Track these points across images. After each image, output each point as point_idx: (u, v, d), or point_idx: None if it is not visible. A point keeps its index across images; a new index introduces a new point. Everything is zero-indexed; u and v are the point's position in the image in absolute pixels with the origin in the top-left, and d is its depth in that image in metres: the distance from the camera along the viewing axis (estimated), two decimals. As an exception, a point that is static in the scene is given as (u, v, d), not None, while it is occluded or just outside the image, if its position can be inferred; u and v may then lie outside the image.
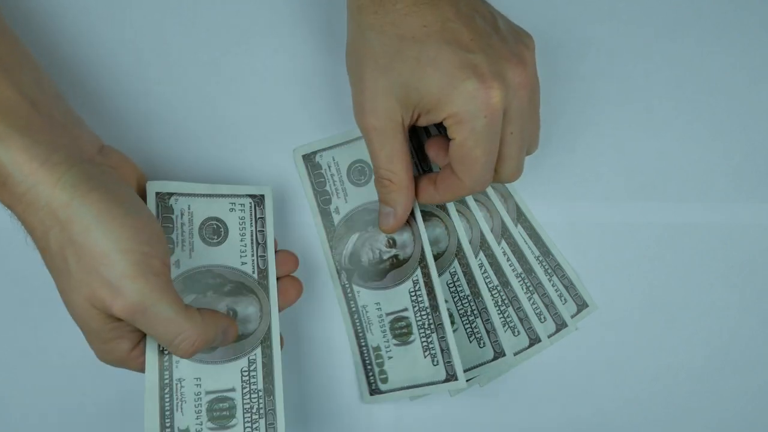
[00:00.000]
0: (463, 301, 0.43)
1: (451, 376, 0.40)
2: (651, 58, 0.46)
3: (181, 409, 0.36)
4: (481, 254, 0.44)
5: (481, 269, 0.44)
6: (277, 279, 0.39)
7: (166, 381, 0.36)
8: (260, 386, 0.37)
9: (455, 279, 0.43)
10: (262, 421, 0.37)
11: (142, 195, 0.37)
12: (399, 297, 0.42)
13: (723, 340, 0.45)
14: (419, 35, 0.34)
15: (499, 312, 0.44)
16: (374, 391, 0.42)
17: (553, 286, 0.45)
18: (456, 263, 0.44)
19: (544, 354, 0.44)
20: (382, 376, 0.41)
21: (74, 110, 0.36)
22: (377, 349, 0.42)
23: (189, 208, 0.38)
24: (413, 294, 0.42)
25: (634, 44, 0.46)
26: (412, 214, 0.42)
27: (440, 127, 0.39)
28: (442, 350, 0.40)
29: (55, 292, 0.33)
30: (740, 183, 0.46)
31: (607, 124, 0.46)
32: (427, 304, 0.41)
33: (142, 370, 0.36)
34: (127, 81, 0.43)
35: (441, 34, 0.34)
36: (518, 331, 0.44)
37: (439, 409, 0.44)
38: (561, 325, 0.44)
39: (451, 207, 0.44)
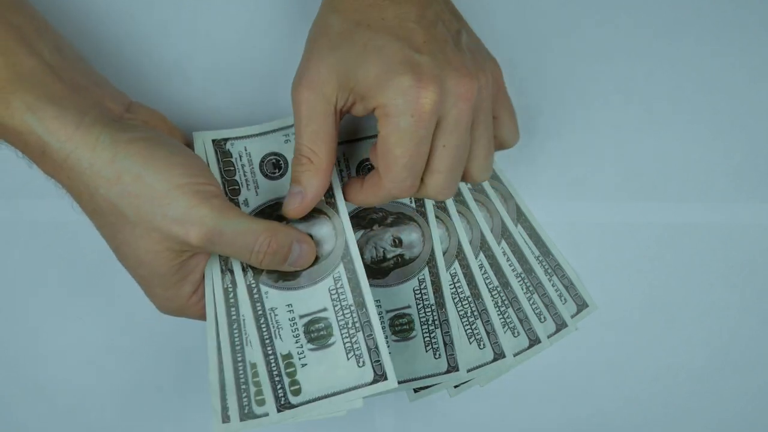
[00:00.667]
0: (464, 302, 0.43)
1: (453, 368, 0.40)
2: (651, 58, 0.46)
3: (280, 335, 0.37)
4: (482, 255, 0.44)
5: (481, 270, 0.44)
6: None
7: (260, 312, 0.37)
8: (350, 301, 0.39)
9: (455, 280, 0.43)
10: (360, 334, 0.37)
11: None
12: (402, 295, 0.42)
13: (723, 340, 0.45)
14: (375, 25, 0.34)
15: (499, 313, 0.44)
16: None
17: (553, 286, 0.45)
18: (456, 264, 0.44)
19: (544, 354, 0.44)
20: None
21: (97, 71, 0.37)
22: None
23: (246, 149, 0.40)
24: (418, 292, 0.42)
25: (634, 44, 0.46)
26: (423, 214, 0.42)
27: None
28: (445, 344, 0.41)
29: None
30: (740, 183, 0.46)
31: (607, 124, 0.46)
32: (432, 301, 0.41)
33: (201, 316, 0.37)
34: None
35: (395, 29, 0.34)
36: (518, 332, 0.44)
37: (439, 409, 0.44)
38: (561, 325, 0.44)
39: (452, 208, 0.44)
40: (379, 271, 0.42)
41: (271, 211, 0.40)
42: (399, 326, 0.42)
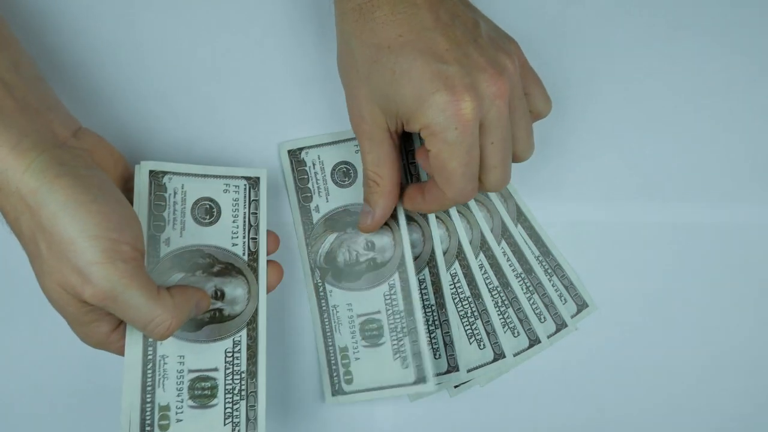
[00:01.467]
0: (464, 303, 0.43)
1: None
2: (651, 58, 0.46)
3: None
4: (482, 255, 0.44)
5: (481, 270, 0.44)
6: None
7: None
8: (401, 308, 0.40)
9: (456, 280, 0.43)
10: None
11: (123, 177, 0.38)
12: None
13: (723, 340, 0.45)
14: (395, 45, 0.34)
15: (499, 313, 0.44)
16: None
17: (553, 286, 0.45)
18: (457, 264, 0.44)
19: (544, 354, 0.44)
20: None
21: (52, 93, 0.36)
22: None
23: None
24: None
25: (634, 44, 0.46)
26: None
27: None
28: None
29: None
30: (740, 183, 0.46)
31: (607, 124, 0.46)
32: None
33: (122, 353, 0.36)
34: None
35: (416, 43, 0.34)
36: (518, 332, 0.44)
37: (439, 409, 0.44)
38: (561, 325, 0.44)
39: (452, 208, 0.44)
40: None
41: (340, 218, 0.42)
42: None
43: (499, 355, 0.43)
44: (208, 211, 0.39)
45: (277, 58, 0.44)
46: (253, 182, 0.40)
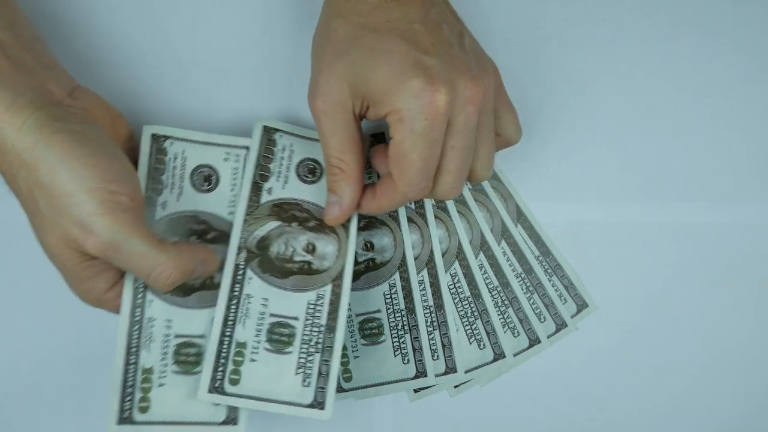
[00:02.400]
0: (464, 303, 0.43)
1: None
2: (651, 57, 0.46)
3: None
4: (482, 255, 0.44)
5: (481, 270, 0.44)
6: None
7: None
8: (402, 306, 0.41)
9: (455, 280, 0.43)
10: (407, 336, 0.39)
11: (122, 135, 0.38)
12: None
13: (723, 340, 0.45)
14: (381, 28, 0.34)
15: (499, 313, 0.44)
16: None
17: (553, 286, 0.45)
18: (456, 264, 0.44)
19: (544, 354, 0.44)
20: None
21: (50, 53, 0.36)
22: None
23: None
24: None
25: (634, 43, 0.46)
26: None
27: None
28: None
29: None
30: (740, 183, 0.46)
31: (607, 124, 0.46)
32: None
33: (118, 310, 0.36)
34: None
35: (402, 31, 0.34)
36: (518, 332, 0.44)
37: (439, 409, 0.44)
38: (561, 325, 0.44)
39: (452, 208, 0.44)
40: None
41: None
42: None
43: (499, 355, 0.43)
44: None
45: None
46: None
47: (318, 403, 0.37)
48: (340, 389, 0.41)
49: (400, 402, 0.44)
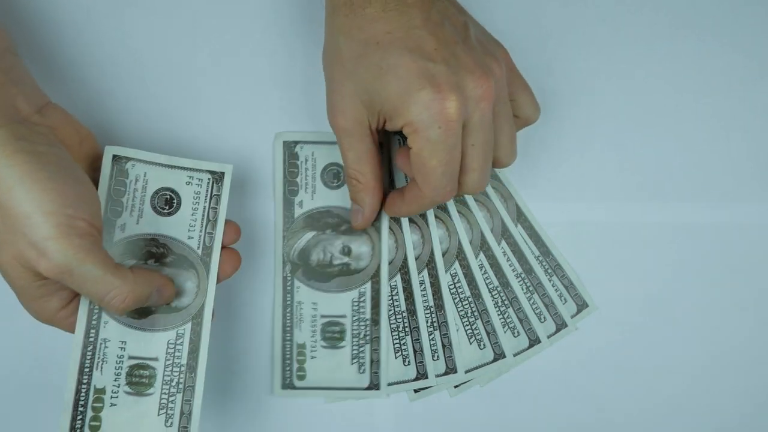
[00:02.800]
0: (464, 303, 0.43)
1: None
2: (652, 57, 0.46)
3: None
4: (482, 255, 0.44)
5: (481, 270, 0.44)
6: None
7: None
8: (368, 316, 0.41)
9: (456, 280, 0.43)
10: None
11: (89, 155, 0.38)
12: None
13: (723, 340, 0.45)
14: (383, 41, 0.34)
15: (499, 313, 0.44)
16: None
17: (553, 286, 0.45)
18: (457, 264, 0.44)
19: (544, 354, 0.44)
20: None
21: (21, 67, 0.36)
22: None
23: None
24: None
25: (634, 43, 0.46)
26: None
27: None
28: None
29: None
30: (740, 183, 0.46)
31: (607, 124, 0.46)
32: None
33: (71, 330, 0.36)
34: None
35: (404, 41, 0.34)
36: (518, 332, 0.44)
37: (439, 409, 0.44)
38: (561, 325, 0.44)
39: (452, 208, 0.44)
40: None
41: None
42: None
43: (499, 355, 0.43)
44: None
45: (271, 52, 0.44)
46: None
47: (374, 386, 0.42)
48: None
49: (400, 402, 0.44)
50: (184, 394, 0.37)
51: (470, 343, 0.43)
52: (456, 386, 0.44)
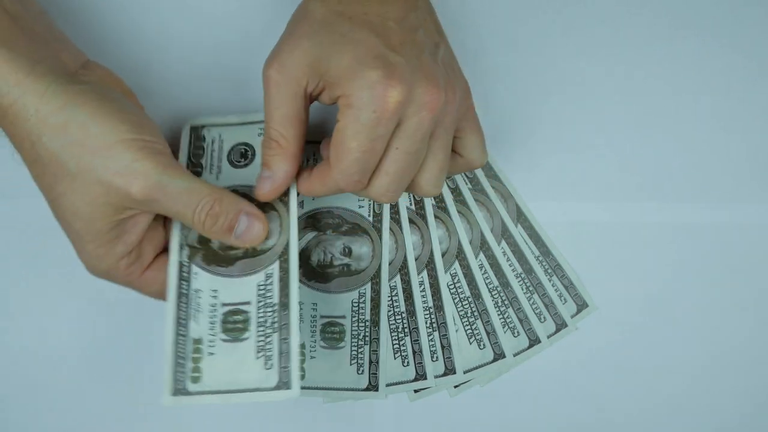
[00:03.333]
0: (464, 303, 0.44)
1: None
2: (651, 57, 0.46)
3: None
4: (482, 255, 0.44)
5: (481, 270, 0.44)
6: None
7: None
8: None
9: (455, 280, 0.44)
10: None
11: None
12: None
13: (722, 340, 0.45)
14: (356, 18, 0.34)
15: (499, 313, 0.44)
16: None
17: (553, 286, 0.45)
18: (456, 264, 0.44)
19: (544, 354, 0.44)
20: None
21: (58, 28, 0.37)
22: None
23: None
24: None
25: (634, 44, 0.46)
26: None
27: None
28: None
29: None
30: (740, 183, 0.46)
31: (607, 124, 0.46)
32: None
33: (127, 283, 0.36)
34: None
35: (376, 26, 0.34)
36: (518, 332, 0.44)
37: (439, 409, 0.44)
38: (561, 325, 0.44)
39: (452, 208, 0.44)
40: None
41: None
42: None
43: (499, 355, 0.43)
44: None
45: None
46: None
47: (373, 386, 0.42)
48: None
49: (400, 402, 0.44)
50: (280, 332, 0.36)
51: (470, 343, 0.43)
52: (456, 386, 0.44)
